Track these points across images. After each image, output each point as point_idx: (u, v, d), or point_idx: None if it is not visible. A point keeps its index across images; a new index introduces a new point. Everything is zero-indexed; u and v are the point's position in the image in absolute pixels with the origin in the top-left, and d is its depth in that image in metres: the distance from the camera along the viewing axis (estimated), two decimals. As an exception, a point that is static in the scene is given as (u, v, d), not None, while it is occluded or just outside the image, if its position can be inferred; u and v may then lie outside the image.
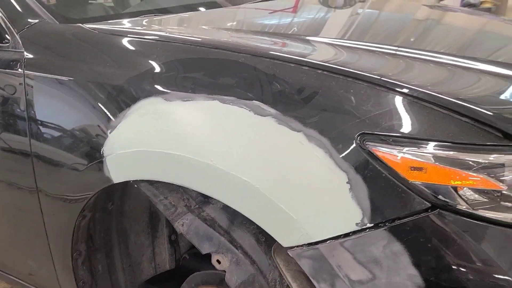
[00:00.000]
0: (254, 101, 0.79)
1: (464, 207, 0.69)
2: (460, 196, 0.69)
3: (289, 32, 1.22)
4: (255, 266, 0.92)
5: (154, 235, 1.35)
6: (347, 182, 0.72)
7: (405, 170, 0.71)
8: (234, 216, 0.96)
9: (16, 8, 1.15)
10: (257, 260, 0.93)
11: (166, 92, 0.87)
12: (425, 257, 0.69)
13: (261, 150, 0.78)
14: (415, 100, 0.74)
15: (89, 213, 1.08)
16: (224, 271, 0.95)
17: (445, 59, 0.93)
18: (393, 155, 0.71)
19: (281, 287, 0.92)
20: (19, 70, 1.07)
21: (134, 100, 0.90)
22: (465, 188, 0.70)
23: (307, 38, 1.09)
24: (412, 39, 1.19)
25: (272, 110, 0.78)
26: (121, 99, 0.92)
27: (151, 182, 0.94)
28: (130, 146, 0.90)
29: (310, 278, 0.76)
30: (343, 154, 0.73)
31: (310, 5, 1.61)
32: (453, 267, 0.68)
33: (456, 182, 0.69)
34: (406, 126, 0.72)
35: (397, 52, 0.96)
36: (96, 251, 1.21)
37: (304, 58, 0.85)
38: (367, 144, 0.72)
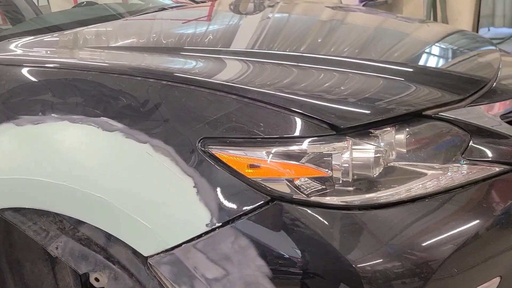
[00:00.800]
0: (102, 117, 0.81)
1: (300, 196, 0.74)
2: (296, 186, 0.74)
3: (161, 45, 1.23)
4: (134, 279, 0.93)
5: (53, 261, 1.32)
6: (193, 186, 0.75)
7: (244, 168, 0.75)
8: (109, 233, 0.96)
9: None
10: (135, 272, 0.93)
11: (17, 118, 0.86)
12: (269, 247, 0.73)
13: (112, 165, 0.79)
14: (250, 101, 0.78)
15: (-36, 249, 1.04)
16: (104, 288, 0.95)
17: (300, 60, 0.99)
18: (232, 155, 0.75)
19: (162, 295, 0.93)
20: None
21: (-13, 128, 0.88)
22: (302, 179, 0.75)
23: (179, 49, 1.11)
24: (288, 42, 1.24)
25: (120, 125, 0.79)
26: (-26, 129, 0.90)
27: (16, 210, 0.93)
28: (-13, 175, 0.88)
29: (172, 283, 0.78)
30: (188, 160, 0.75)
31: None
32: (295, 252, 0.72)
33: (288, 174, 0.74)
34: (242, 126, 0.76)
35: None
36: (-16, 287, 1.16)
37: (151, 69, 0.87)
38: (208, 147, 0.76)
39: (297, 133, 0.75)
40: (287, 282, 0.73)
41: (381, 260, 0.71)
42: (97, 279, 0.95)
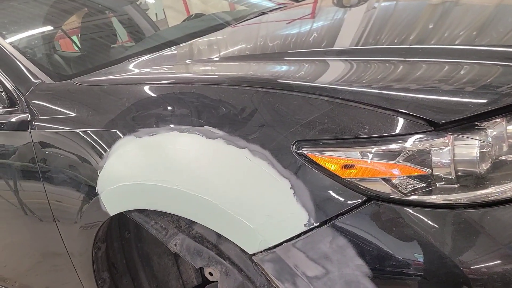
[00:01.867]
0: (205, 126, 0.88)
1: (398, 195, 0.72)
2: (393, 185, 0.73)
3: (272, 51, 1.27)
4: (243, 274, 0.99)
5: (176, 255, 1.46)
6: (290, 188, 0.78)
7: (339, 169, 0.76)
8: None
9: (21, 75, 1.33)
10: (244, 268, 1.00)
11: (137, 130, 0.98)
12: (368, 247, 0.73)
13: (216, 170, 0.86)
14: (342, 102, 0.78)
15: (102, 245, 1.21)
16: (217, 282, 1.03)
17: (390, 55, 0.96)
18: (326, 156, 0.76)
19: (270, 290, 0.98)
20: (27, 129, 1.23)
21: (113, 141, 1.02)
22: (399, 177, 0.73)
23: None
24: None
25: (221, 132, 0.86)
26: (104, 142, 1.04)
27: (140, 211, 1.05)
28: (116, 182, 1.02)
29: (275, 280, 0.82)
30: (284, 163, 0.79)
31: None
32: (394, 252, 0.71)
33: (384, 173, 0.73)
34: (335, 127, 0.77)
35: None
36: (121, 277, 1.34)
37: (246, 78, 0.92)
38: (302, 150, 0.78)
39: (392, 131, 0.73)
40: (389, 282, 0.72)
41: (500, 261, 0.67)
42: (211, 274, 1.03)
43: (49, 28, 1.81)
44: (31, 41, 1.61)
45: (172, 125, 0.92)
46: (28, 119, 1.24)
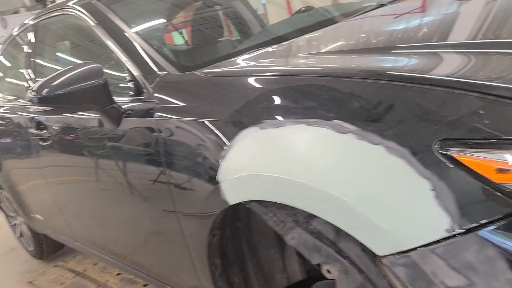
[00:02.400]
0: (335, 120, 0.85)
1: None
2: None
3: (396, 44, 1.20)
4: (363, 275, 0.95)
5: (282, 248, 1.47)
6: (431, 190, 0.72)
7: (491, 173, 0.69)
8: (340, 228, 1.01)
9: (148, 65, 1.41)
10: (365, 269, 0.96)
11: (261, 121, 0.98)
12: None
13: (345, 165, 0.83)
14: (495, 99, 0.71)
15: (218, 232, 1.25)
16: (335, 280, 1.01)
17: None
18: (475, 158, 0.70)
19: (391, 295, 0.94)
20: (153, 117, 1.30)
21: (237, 131, 1.03)
22: None
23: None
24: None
25: (352, 127, 0.82)
26: (228, 132, 1.06)
27: (260, 202, 1.06)
28: (238, 171, 1.03)
29: (407, 285, 0.77)
30: (424, 162, 0.73)
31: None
32: None
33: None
34: (487, 127, 0.70)
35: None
36: (231, 265, 1.37)
37: (383, 72, 0.87)
38: (447, 149, 0.72)
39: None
40: None
41: None
42: (328, 271, 1.01)
43: (170, 20, 1.91)
44: (156, 33, 1.71)
45: (299, 118, 0.91)
46: (154, 107, 1.31)
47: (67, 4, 1.89)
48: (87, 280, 2.61)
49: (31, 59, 2.22)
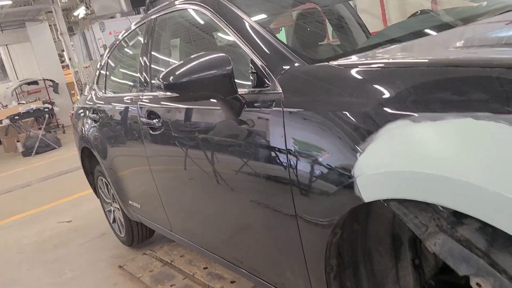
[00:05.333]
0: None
1: None
2: None
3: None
4: (524, 293, 0.85)
5: (397, 258, 1.37)
6: None
7: None
8: (493, 238, 0.91)
9: (274, 57, 1.40)
10: (526, 286, 0.85)
11: (413, 115, 0.91)
12: None
13: (524, 164, 0.74)
14: None
15: (339, 231, 1.19)
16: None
17: None
18: None
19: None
20: (279, 108, 1.28)
21: (382, 124, 0.97)
22: None
23: None
24: None
25: (535, 123, 0.73)
26: (369, 124, 1.01)
27: (400, 201, 0.99)
28: (379, 167, 0.97)
29: None
30: None
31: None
32: None
33: None
34: None
35: None
36: (345, 268, 1.30)
37: None
38: None
39: None
40: None
41: None
42: (478, 285, 0.91)
43: (289, 15, 1.90)
44: (276, 25, 1.70)
45: (464, 111, 0.83)
46: (282, 98, 1.29)
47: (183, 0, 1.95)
48: (175, 271, 2.66)
49: (145, 57, 2.31)
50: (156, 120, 2.03)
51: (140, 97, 2.24)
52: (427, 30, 1.52)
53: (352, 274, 1.34)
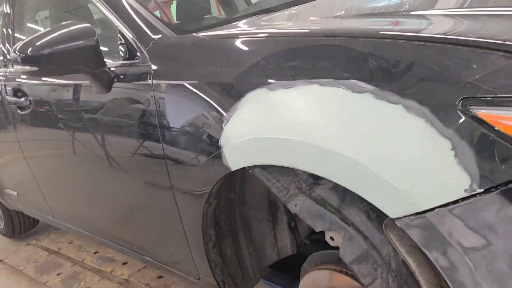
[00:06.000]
0: (351, 80, 0.83)
1: None
2: None
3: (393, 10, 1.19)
4: (368, 242, 0.94)
5: (274, 222, 1.45)
6: (451, 149, 0.71)
7: (516, 131, 0.68)
8: (344, 195, 0.99)
9: (142, 28, 1.35)
10: (370, 236, 0.95)
11: (270, 83, 0.95)
12: None
13: (361, 126, 0.81)
14: None
15: (214, 201, 1.22)
16: (338, 248, 0.99)
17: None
18: (500, 116, 0.69)
19: (396, 261, 0.93)
20: (148, 81, 1.25)
21: (243, 93, 0.99)
22: None
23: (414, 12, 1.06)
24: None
25: (370, 87, 0.80)
26: (232, 94, 1.02)
27: (263, 167, 1.03)
28: (242, 135, 1.00)
29: (421, 247, 0.76)
30: (445, 121, 0.72)
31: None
32: None
33: None
34: (512, 85, 0.69)
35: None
36: (223, 237, 1.34)
37: (400, 32, 0.85)
38: (470, 108, 0.71)
39: None
40: None
41: None
42: (332, 238, 0.99)
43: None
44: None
45: (312, 78, 0.88)
46: (149, 71, 1.25)
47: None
48: (62, 259, 2.52)
49: (8, 29, 2.09)
50: (24, 98, 1.86)
51: (5, 73, 2.04)
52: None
53: (232, 242, 1.38)
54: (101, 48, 1.30)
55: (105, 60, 1.32)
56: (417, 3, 1.19)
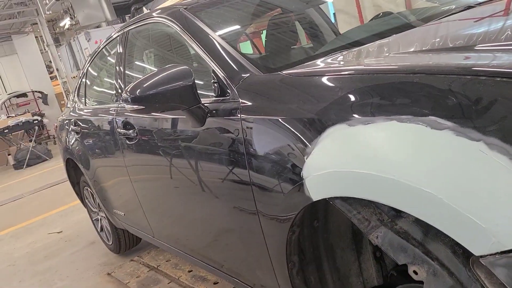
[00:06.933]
0: (430, 116, 0.84)
1: None
2: None
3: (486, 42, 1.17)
4: (454, 278, 0.92)
5: (359, 252, 1.45)
6: None
7: None
8: (428, 229, 0.99)
9: (233, 68, 1.47)
10: (455, 271, 0.93)
11: (350, 119, 0.99)
12: None
13: (441, 162, 0.81)
14: None
15: (297, 229, 1.27)
16: (422, 282, 0.98)
17: None
18: None
19: (484, 300, 0.90)
20: (237, 116, 1.36)
21: (324, 128, 1.05)
22: None
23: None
24: None
25: (449, 123, 0.81)
26: (313, 129, 1.08)
27: (344, 199, 1.06)
28: (323, 168, 1.05)
29: (507, 286, 0.74)
30: (531, 159, 0.71)
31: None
32: None
33: None
34: None
35: None
36: (307, 264, 1.38)
37: (481, 68, 0.85)
38: None
39: None
40: None
41: None
42: (415, 272, 0.99)
43: (250, 25, 1.97)
44: (239, 37, 1.77)
45: (390, 115, 0.91)
46: (239, 107, 1.36)
47: (154, 14, 2.03)
48: (161, 275, 2.73)
49: (120, 67, 2.38)
50: (132, 130, 2.10)
51: (116, 108, 2.31)
52: (388, 32, 1.60)
53: (315, 269, 1.41)
54: (197, 82, 1.45)
55: (200, 97, 1.46)
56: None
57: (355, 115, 0.98)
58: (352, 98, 1.02)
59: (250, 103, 1.35)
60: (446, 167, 0.81)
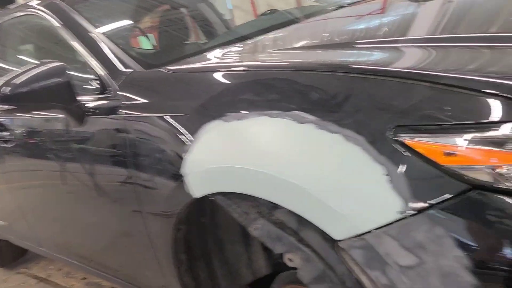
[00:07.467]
0: (295, 111, 0.89)
1: (504, 185, 0.69)
2: (499, 175, 0.70)
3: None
4: (324, 262, 0.99)
5: (248, 243, 1.49)
6: (385, 174, 0.76)
7: (439, 156, 0.73)
8: (301, 218, 1.04)
9: (113, 64, 1.41)
10: (325, 256, 0.99)
11: (225, 115, 1.00)
12: (468, 238, 0.70)
13: (305, 154, 0.86)
14: (444, 87, 0.76)
15: (184, 226, 1.26)
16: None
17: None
18: (425, 143, 0.74)
19: (350, 280, 0.97)
20: (119, 114, 1.31)
21: (201, 125, 1.05)
22: (507, 166, 0.70)
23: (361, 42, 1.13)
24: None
25: (312, 117, 0.86)
26: (192, 126, 1.08)
27: (224, 194, 1.08)
28: (202, 164, 1.05)
29: (363, 267, 0.81)
30: (379, 149, 0.78)
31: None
32: (498, 246, 0.68)
33: (490, 162, 0.69)
34: (436, 113, 0.75)
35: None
36: (196, 260, 1.38)
37: (342, 65, 0.92)
38: (399, 136, 0.76)
39: (498, 117, 0.70)
40: (490, 276, 0.69)
41: None
42: (290, 260, 1.04)
43: (136, 20, 1.91)
44: (121, 33, 1.71)
45: (262, 110, 0.94)
46: (120, 105, 1.31)
47: (30, 4, 1.87)
48: (51, 286, 2.54)
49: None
50: (8, 132, 1.92)
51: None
52: (273, 27, 1.65)
53: (205, 265, 1.42)
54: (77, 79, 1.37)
55: (79, 94, 1.38)
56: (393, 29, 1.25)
57: (231, 111, 1.00)
58: (228, 94, 1.04)
59: (132, 101, 1.31)
60: (309, 159, 0.86)
